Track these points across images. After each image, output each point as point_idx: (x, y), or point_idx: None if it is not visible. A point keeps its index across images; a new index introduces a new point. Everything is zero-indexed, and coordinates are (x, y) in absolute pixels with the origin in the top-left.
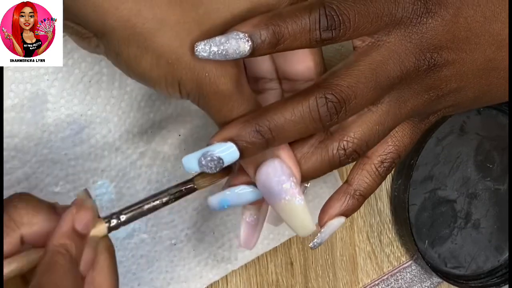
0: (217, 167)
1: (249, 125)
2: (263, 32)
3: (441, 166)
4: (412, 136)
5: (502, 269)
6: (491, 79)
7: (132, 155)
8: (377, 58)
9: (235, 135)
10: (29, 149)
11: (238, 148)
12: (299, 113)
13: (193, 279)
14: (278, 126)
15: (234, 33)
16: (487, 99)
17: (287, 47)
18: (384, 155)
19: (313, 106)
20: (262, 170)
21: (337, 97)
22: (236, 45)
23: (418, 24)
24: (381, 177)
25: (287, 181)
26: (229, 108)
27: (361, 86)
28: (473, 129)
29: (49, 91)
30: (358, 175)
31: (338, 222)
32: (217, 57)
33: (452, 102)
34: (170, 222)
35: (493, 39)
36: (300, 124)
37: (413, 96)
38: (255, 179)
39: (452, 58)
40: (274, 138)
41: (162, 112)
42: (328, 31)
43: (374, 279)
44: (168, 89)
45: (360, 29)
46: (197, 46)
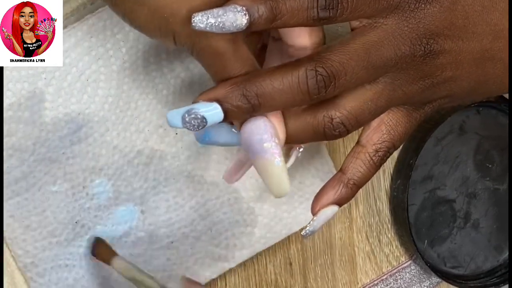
0: (199, 125)
1: (237, 89)
2: (261, 6)
3: (440, 166)
4: (407, 125)
5: (502, 269)
6: (487, 70)
7: (130, 153)
8: (372, 38)
9: (221, 97)
10: (26, 148)
11: (223, 109)
12: (287, 83)
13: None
14: (266, 93)
15: (232, 6)
16: (482, 90)
17: (284, 23)
18: (378, 144)
19: (302, 78)
20: (246, 126)
21: (327, 71)
22: (234, 18)
23: (416, 9)
24: (376, 166)
25: (269, 140)
26: (222, 65)
27: (352, 64)
28: (472, 129)
29: (47, 90)
30: (352, 164)
31: (331, 211)
32: (214, 29)
33: (447, 92)
34: (167, 220)
35: (490, 29)
36: (288, 94)
37: (408, 81)
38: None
39: (448, 46)
40: (260, 104)
41: (159, 110)
42: (326, 10)
43: (373, 279)
44: (164, 39)
45: (357, 11)
46: (194, 17)
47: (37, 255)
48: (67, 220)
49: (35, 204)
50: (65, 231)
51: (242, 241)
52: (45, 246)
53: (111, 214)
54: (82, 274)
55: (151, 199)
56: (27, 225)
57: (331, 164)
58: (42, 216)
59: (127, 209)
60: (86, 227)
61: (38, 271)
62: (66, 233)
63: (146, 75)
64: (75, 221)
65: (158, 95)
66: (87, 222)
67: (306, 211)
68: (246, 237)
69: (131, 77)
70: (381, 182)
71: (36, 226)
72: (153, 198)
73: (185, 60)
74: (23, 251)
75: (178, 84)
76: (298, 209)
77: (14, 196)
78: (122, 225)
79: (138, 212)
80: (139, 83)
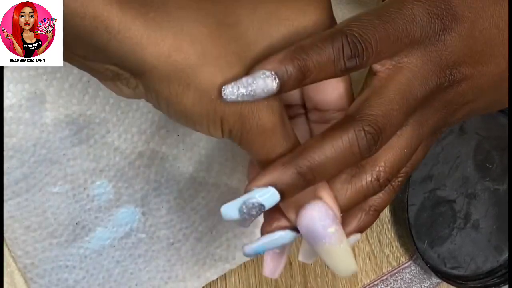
0: (258, 213)
1: (290, 167)
2: (288, 67)
3: (440, 166)
4: (425, 149)
5: (502, 269)
6: (502, 90)
7: (131, 155)
8: (403, 81)
9: (276, 180)
10: (27, 149)
11: (279, 191)
12: (339, 149)
13: (191, 278)
14: (319, 165)
15: (260, 72)
16: (496, 107)
17: (313, 79)
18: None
19: (353, 140)
20: (305, 214)
21: (375, 128)
22: (264, 84)
23: (436, 42)
24: (395, 191)
25: (332, 224)
26: (273, 143)
27: (394, 114)
28: (472, 129)
29: (48, 91)
30: None
31: (354, 239)
32: (246, 98)
33: (467, 112)
34: (168, 221)
35: (505, 50)
36: (340, 159)
37: (433, 114)
38: (297, 222)
39: (470, 73)
40: (315, 177)
41: (161, 112)
42: (352, 60)
43: (373, 280)
44: (210, 126)
45: (382, 53)
46: (225, 90)
47: (37, 256)
48: (67, 221)
49: (36, 205)
50: (66, 232)
51: (243, 242)
52: (45, 247)
53: (112, 216)
54: (83, 276)
55: (152, 200)
56: (27, 226)
57: None
58: (42, 217)
59: (128, 211)
60: (86, 229)
61: (38, 272)
62: (67, 234)
63: None
64: (75, 222)
65: None
66: (88, 223)
67: None
68: (247, 238)
69: None
70: None
71: (37, 227)
72: (154, 199)
73: None
74: (23, 252)
75: None
76: None
77: (14, 197)
78: (123, 227)
79: (139, 213)
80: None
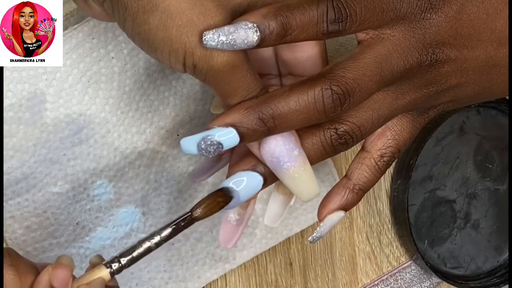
0: (215, 151)
1: (252, 112)
2: (271, 22)
3: (440, 166)
4: (412, 130)
5: (502, 269)
6: (492, 76)
7: (131, 155)
8: (382, 51)
9: (237, 121)
10: (27, 149)
11: (239, 133)
12: (303, 103)
13: (191, 278)
14: (282, 114)
15: (242, 23)
16: (486, 95)
17: (294, 38)
18: (383, 149)
19: (318, 97)
20: (270, 140)
21: (343, 89)
22: (245, 35)
23: (422, 19)
24: (381, 171)
25: (295, 148)
26: (240, 80)
27: (366, 80)
28: (472, 129)
29: (48, 91)
30: (358, 169)
31: (337, 217)
32: (225, 47)
33: (452, 97)
34: (168, 221)
35: (494, 36)
36: (304, 114)
37: (412, 90)
38: (262, 150)
39: (453, 55)
40: (276, 126)
41: (160, 112)
42: (335, 24)
43: (374, 279)
44: (171, 55)
45: (365, 23)
46: (205, 35)
47: (37, 256)
48: (67, 221)
49: (36, 205)
50: (66, 232)
51: (243, 242)
52: (46, 247)
53: (112, 216)
54: None
55: (153, 200)
56: (27, 226)
57: (331, 164)
58: (42, 217)
59: (128, 211)
60: (86, 229)
61: None
62: (67, 234)
63: (148, 76)
64: (75, 222)
65: (159, 96)
66: (88, 223)
67: (306, 212)
68: (247, 238)
69: (132, 78)
70: (381, 182)
71: (37, 227)
72: (154, 199)
73: None
74: (23, 252)
75: (179, 85)
76: (299, 210)
77: (14, 197)
78: (123, 227)
79: (139, 213)
80: (141, 84)
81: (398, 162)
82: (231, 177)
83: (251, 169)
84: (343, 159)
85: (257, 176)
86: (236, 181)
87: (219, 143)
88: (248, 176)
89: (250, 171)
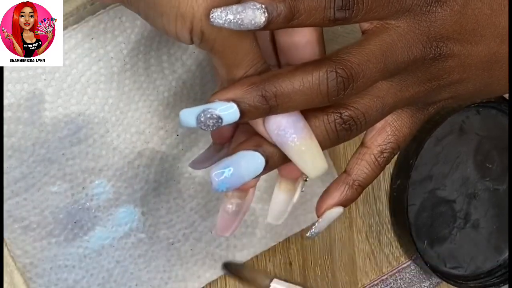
0: (214, 125)
1: (255, 89)
2: (280, 5)
3: (440, 166)
4: (411, 126)
5: (501, 269)
6: (493, 72)
7: (130, 154)
8: (387, 39)
9: (239, 96)
10: (26, 149)
11: (240, 109)
12: (307, 83)
13: (191, 278)
14: (284, 93)
15: (251, 3)
16: (487, 91)
17: (300, 23)
18: (383, 145)
19: (323, 79)
20: (274, 115)
21: (347, 73)
22: (252, 15)
23: (427, 12)
24: (381, 167)
25: (301, 120)
26: (246, 49)
27: (370, 66)
28: (472, 129)
29: (46, 91)
30: (357, 165)
31: (336, 212)
32: (232, 26)
33: (453, 93)
34: (168, 221)
35: (498, 32)
36: (307, 95)
37: (415, 83)
38: (266, 126)
39: (457, 50)
40: (278, 105)
41: (160, 112)
42: (342, 11)
43: (373, 279)
44: (178, 21)
45: (371, 12)
46: (213, 13)
47: (36, 255)
48: (66, 221)
49: (34, 204)
50: (65, 231)
51: (243, 242)
52: (44, 246)
53: (111, 215)
54: (82, 275)
55: (152, 200)
56: (26, 225)
57: (331, 164)
58: (41, 216)
59: (127, 211)
60: (85, 228)
61: (38, 272)
62: (66, 234)
63: (147, 76)
64: (74, 221)
65: (159, 97)
66: (87, 222)
67: (306, 212)
68: (247, 238)
69: (131, 78)
70: (381, 182)
71: (35, 226)
72: (154, 199)
73: (186, 62)
74: (22, 251)
75: (179, 86)
76: (299, 210)
77: (13, 196)
78: (122, 226)
79: (139, 213)
80: (140, 84)
81: (398, 162)
82: (231, 156)
83: (253, 149)
84: (343, 158)
85: (259, 156)
86: (235, 159)
87: (218, 117)
88: (250, 156)
89: (252, 150)
